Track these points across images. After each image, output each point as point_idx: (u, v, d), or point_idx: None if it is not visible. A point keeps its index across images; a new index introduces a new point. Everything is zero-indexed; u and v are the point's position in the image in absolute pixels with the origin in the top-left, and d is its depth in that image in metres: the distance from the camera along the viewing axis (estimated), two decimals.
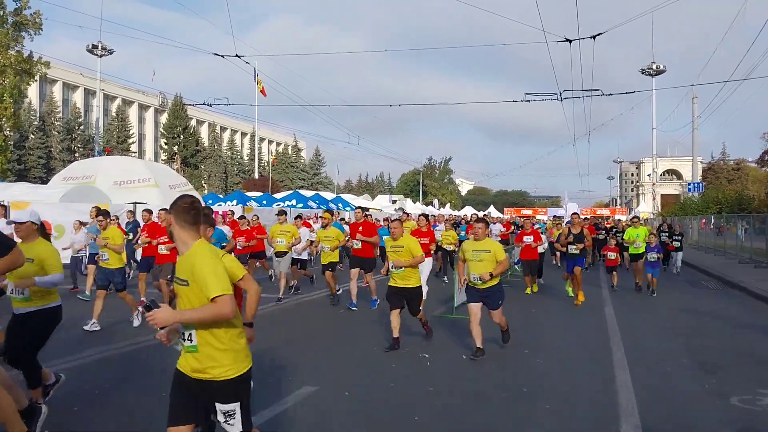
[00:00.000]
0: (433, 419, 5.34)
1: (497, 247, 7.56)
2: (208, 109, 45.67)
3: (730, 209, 37.68)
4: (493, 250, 7.45)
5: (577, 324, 10.31)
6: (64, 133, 63.12)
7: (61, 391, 5.66)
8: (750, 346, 8.58)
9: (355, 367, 7.16)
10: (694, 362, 7.60)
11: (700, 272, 19.57)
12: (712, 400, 6.01)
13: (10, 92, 33.26)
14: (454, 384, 6.46)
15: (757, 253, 21.78)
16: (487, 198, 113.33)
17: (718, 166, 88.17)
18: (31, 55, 34.65)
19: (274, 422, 5.18)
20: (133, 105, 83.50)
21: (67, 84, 74.74)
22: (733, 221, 27.12)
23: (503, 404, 5.83)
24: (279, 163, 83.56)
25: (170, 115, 70.23)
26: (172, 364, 3.41)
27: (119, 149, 63.23)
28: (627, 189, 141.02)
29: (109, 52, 52.04)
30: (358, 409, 5.60)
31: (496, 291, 7.58)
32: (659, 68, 60.86)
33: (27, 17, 33.40)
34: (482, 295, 7.53)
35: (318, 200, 31.57)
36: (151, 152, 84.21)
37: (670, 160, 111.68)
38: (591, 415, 5.57)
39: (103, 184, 21.99)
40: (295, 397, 5.84)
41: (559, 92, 27.92)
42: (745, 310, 12.01)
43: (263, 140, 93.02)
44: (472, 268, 7.50)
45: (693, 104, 52.86)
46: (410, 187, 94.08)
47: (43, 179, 49.74)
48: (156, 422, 5.12)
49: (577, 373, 7.07)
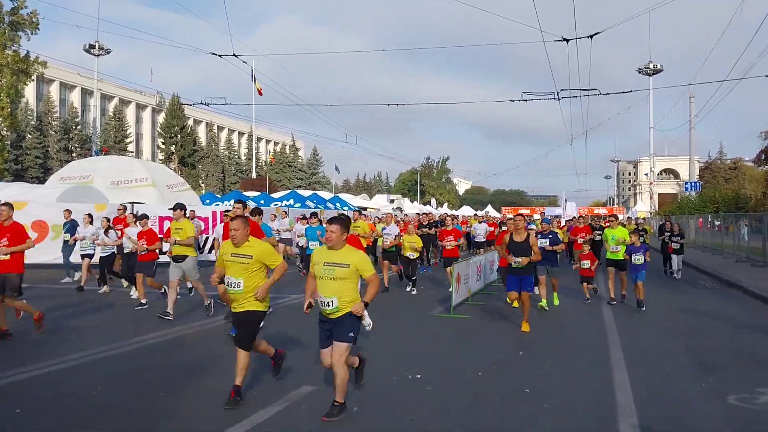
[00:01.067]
0: (432, 419, 5.34)
1: (359, 259, 5.38)
2: (206, 109, 45.70)
3: (727, 208, 37.76)
4: (354, 263, 5.28)
5: (575, 324, 10.32)
6: (61, 133, 62.98)
7: (59, 391, 5.66)
8: (748, 345, 8.60)
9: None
10: (692, 362, 7.62)
11: (698, 271, 19.59)
12: (709, 399, 6.03)
13: (7, 92, 33.20)
14: (452, 383, 6.46)
15: (754, 252, 21.82)
16: (484, 197, 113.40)
17: (715, 165, 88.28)
18: (28, 55, 34.56)
19: (273, 422, 5.19)
20: (130, 105, 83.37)
21: (64, 84, 74.59)
22: (730, 220, 27.16)
23: (502, 404, 5.83)
24: (277, 163, 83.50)
25: (168, 115, 70.16)
26: (171, 363, 3.40)
27: (116, 149, 63.11)
28: (624, 188, 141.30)
29: (107, 51, 52.02)
30: (357, 406, 5.59)
31: (347, 319, 5.31)
32: (656, 68, 61.08)
33: (24, 17, 33.31)
34: (329, 327, 5.37)
35: (316, 200, 31.58)
36: (149, 152, 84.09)
37: (667, 159, 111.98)
38: (589, 415, 5.58)
39: (101, 184, 21.96)
40: (293, 396, 5.84)
41: (556, 92, 27.92)
42: (743, 310, 12.04)
43: (261, 140, 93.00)
44: (321, 288, 5.34)
45: (690, 103, 53.05)
46: (408, 187, 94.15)
47: (40, 179, 49.65)
48: (155, 421, 5.12)
49: (575, 372, 7.08)
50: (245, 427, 5.00)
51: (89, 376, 6.54)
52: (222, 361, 7.16)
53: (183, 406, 5.56)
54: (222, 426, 4.98)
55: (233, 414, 5.27)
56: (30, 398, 5.73)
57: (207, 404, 5.57)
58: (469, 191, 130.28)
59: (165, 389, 5.99)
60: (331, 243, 5.37)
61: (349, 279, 5.32)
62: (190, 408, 5.53)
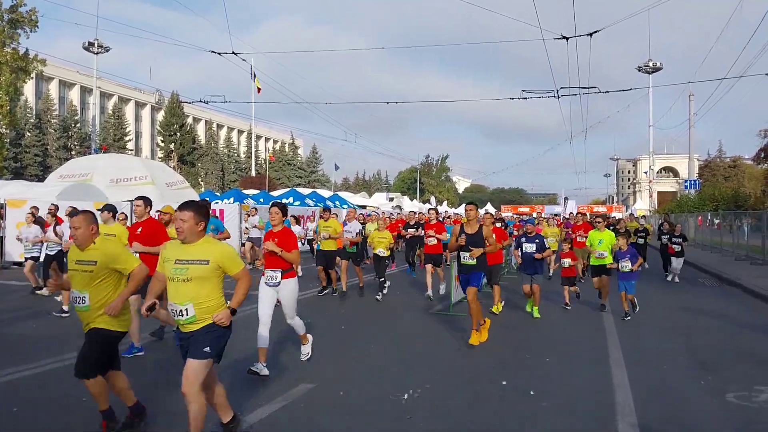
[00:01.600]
0: (431, 418, 5.34)
1: (222, 253, 4.33)
2: (205, 107, 45.56)
3: (726, 206, 37.77)
4: (215, 259, 4.26)
5: (574, 323, 10.30)
6: (60, 131, 62.92)
7: (57, 390, 5.65)
8: (747, 344, 8.60)
9: (352, 365, 7.16)
10: (692, 360, 7.62)
11: (698, 270, 19.60)
12: (708, 398, 6.03)
13: (6, 90, 33.20)
14: (452, 382, 6.46)
15: (753, 250, 21.84)
16: (484, 196, 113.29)
17: (714, 163, 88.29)
18: (27, 53, 34.54)
19: (271, 420, 5.18)
20: (129, 103, 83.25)
21: (63, 82, 74.45)
22: (730, 218, 27.17)
23: (501, 403, 5.83)
24: (276, 161, 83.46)
25: (167, 113, 70.15)
26: (168, 362, 3.39)
27: (116, 147, 63.08)
28: (624, 186, 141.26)
29: (106, 49, 51.96)
30: (355, 407, 5.59)
31: (207, 332, 4.26)
32: (656, 66, 61.02)
33: (23, 14, 33.31)
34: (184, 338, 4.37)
35: (315, 198, 31.57)
36: (148, 150, 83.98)
37: (666, 157, 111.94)
38: (588, 414, 5.57)
39: (100, 182, 21.96)
40: (291, 394, 5.83)
41: (556, 90, 27.85)
42: (743, 308, 12.04)
43: (260, 138, 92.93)
44: (172, 293, 4.29)
45: (689, 102, 53.03)
46: (407, 185, 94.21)
47: (40, 177, 49.59)
48: (153, 420, 5.11)
49: (574, 372, 7.07)
50: (244, 425, 4.99)
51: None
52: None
53: (181, 405, 5.53)
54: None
55: None
56: (28, 398, 5.71)
57: None
58: (468, 189, 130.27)
59: (163, 388, 5.97)
60: (183, 235, 4.27)
61: (208, 279, 4.25)
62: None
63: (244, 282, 4.39)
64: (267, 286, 6.62)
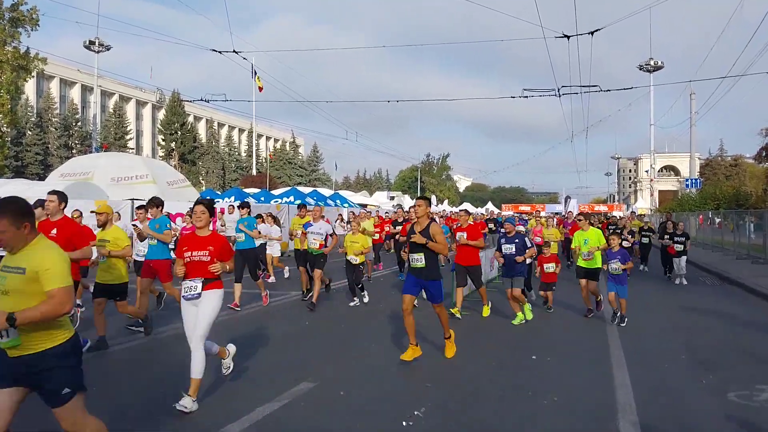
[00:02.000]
0: (431, 416, 5.33)
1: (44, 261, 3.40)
2: (206, 106, 45.58)
3: (727, 205, 37.74)
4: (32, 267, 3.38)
5: (575, 322, 10.29)
6: (61, 130, 62.93)
7: None
8: (748, 343, 8.59)
9: (353, 364, 7.15)
10: (692, 360, 7.61)
11: (699, 269, 19.58)
12: (709, 397, 6.02)
13: (7, 88, 33.20)
14: (452, 381, 6.46)
15: (754, 249, 21.82)
16: (485, 194, 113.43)
17: (715, 162, 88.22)
18: (28, 51, 34.54)
19: (272, 418, 5.18)
20: (130, 101, 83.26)
21: (64, 80, 74.48)
22: (731, 217, 27.14)
23: (501, 402, 5.83)
24: (277, 160, 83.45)
25: (168, 112, 70.17)
26: (169, 360, 3.39)
27: (116, 146, 63.07)
28: (625, 185, 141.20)
29: (107, 48, 51.98)
30: (356, 405, 5.59)
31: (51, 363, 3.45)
32: (657, 64, 60.91)
33: (24, 13, 33.29)
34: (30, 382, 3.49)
35: (316, 197, 31.55)
36: (149, 149, 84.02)
37: (667, 156, 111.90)
38: (589, 413, 5.56)
39: (101, 181, 21.94)
40: (291, 394, 5.83)
41: (557, 88, 27.90)
42: (744, 307, 12.02)
43: (261, 137, 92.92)
44: None
45: (691, 100, 53.04)
46: (408, 184, 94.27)
47: (41, 176, 49.62)
48: (154, 418, 5.11)
49: (575, 371, 7.07)
50: (244, 424, 5.00)
51: (86, 375, 6.52)
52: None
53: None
54: (221, 423, 4.97)
55: (232, 411, 5.26)
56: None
57: (206, 401, 5.55)
58: (469, 188, 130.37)
59: (163, 386, 5.97)
60: (8, 247, 3.48)
61: (27, 294, 3.35)
62: None
63: (50, 306, 3.33)
64: (186, 302, 5.51)
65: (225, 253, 5.63)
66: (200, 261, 5.47)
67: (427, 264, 7.03)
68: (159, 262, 8.93)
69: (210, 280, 5.49)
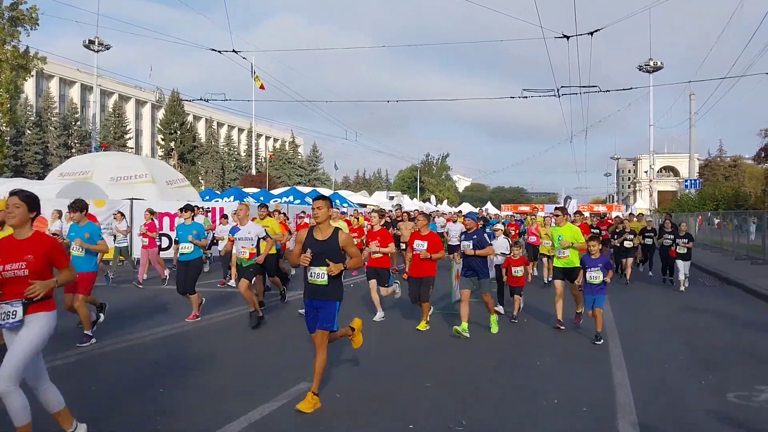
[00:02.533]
0: (430, 416, 5.33)
1: None
2: (206, 105, 45.55)
3: (726, 206, 37.77)
4: None
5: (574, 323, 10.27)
6: (60, 129, 62.93)
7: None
8: (747, 343, 8.59)
9: (351, 364, 7.15)
10: (692, 360, 7.61)
11: (698, 269, 19.57)
12: (708, 397, 6.02)
13: (7, 87, 33.20)
14: (451, 381, 6.45)
15: (754, 250, 21.84)
16: (484, 194, 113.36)
17: (715, 162, 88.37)
18: (28, 51, 34.53)
19: (271, 418, 5.18)
20: (130, 101, 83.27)
21: (63, 80, 74.48)
22: (730, 218, 27.16)
23: (501, 401, 5.82)
24: (276, 159, 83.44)
25: (167, 111, 70.14)
26: (168, 360, 3.38)
27: (116, 145, 63.06)
28: (624, 186, 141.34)
29: (106, 47, 51.89)
30: (355, 405, 5.59)
31: None
32: (656, 65, 60.89)
33: (23, 12, 33.28)
34: None
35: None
36: (148, 148, 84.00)
37: (667, 156, 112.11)
38: (588, 413, 5.56)
39: (100, 180, 21.92)
40: (291, 393, 5.83)
41: (556, 89, 27.91)
42: (743, 308, 12.02)
43: (260, 136, 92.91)
44: None
45: (690, 101, 53.04)
46: (408, 184, 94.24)
47: (40, 175, 49.62)
48: (153, 418, 5.10)
49: (574, 371, 7.07)
50: (243, 423, 4.99)
51: (85, 375, 6.53)
52: (219, 357, 7.16)
53: (181, 403, 5.54)
54: (221, 423, 4.97)
55: (232, 411, 5.25)
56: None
57: (205, 401, 5.55)
58: (468, 188, 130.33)
59: (163, 386, 5.97)
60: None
61: None
62: (189, 404, 5.51)
63: None
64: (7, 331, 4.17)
65: (55, 260, 4.22)
66: (15, 276, 4.07)
67: (328, 282, 5.54)
68: (83, 275, 7.54)
69: (33, 300, 4.09)
